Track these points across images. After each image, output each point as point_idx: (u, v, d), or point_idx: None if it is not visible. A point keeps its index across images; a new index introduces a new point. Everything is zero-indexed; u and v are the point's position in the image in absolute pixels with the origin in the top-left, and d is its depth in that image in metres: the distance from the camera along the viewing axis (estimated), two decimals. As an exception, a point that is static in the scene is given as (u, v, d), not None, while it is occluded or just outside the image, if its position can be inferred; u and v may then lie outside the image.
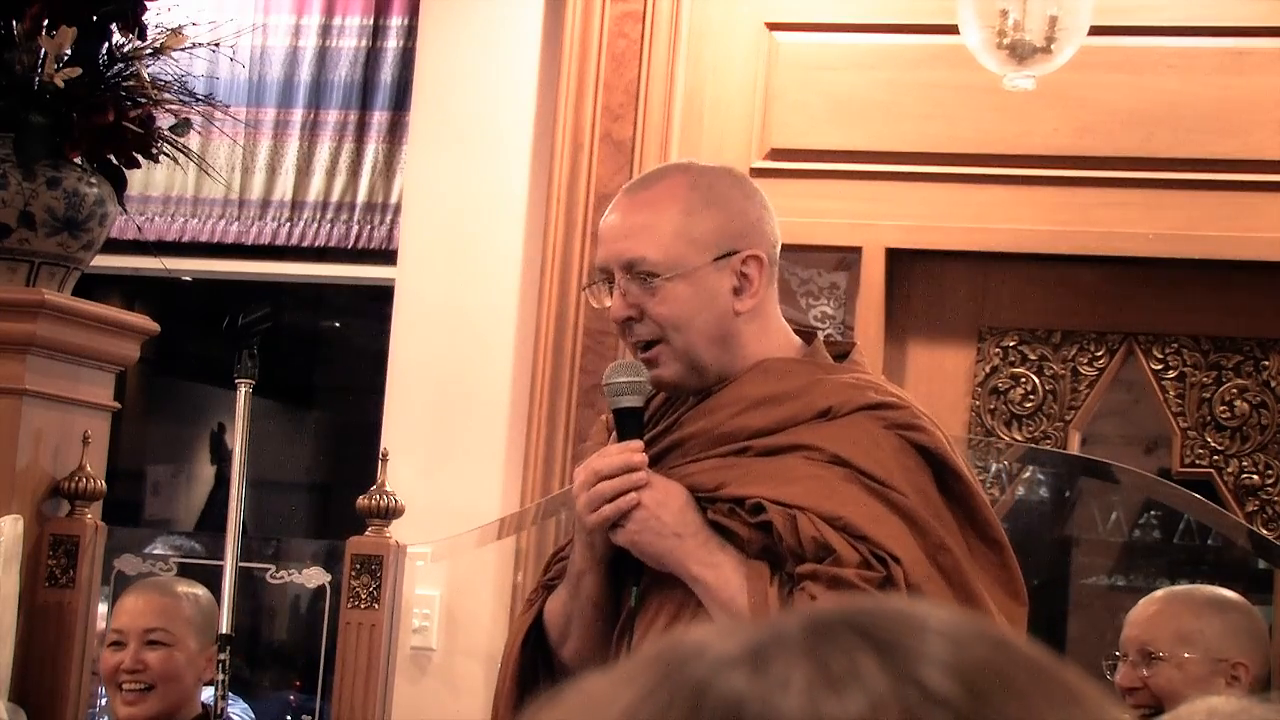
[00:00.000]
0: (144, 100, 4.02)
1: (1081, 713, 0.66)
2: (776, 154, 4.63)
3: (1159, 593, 3.47)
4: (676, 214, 2.45)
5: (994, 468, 4.57)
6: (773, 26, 4.68)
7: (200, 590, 3.75)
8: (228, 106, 4.75)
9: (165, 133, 4.10)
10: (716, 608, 2.34)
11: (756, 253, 2.47)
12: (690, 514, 2.38)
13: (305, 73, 5.08)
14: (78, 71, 3.90)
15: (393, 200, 4.99)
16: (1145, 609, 3.38)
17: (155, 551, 4.39)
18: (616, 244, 2.47)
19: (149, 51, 4.05)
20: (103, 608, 4.19)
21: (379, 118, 5.03)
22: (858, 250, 4.59)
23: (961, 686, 0.65)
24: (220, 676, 3.27)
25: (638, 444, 2.42)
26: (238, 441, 3.37)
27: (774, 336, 2.51)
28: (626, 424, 2.45)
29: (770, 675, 0.65)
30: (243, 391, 3.35)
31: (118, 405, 4.27)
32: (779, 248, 2.55)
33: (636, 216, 2.47)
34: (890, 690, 0.64)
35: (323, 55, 5.07)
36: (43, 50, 3.92)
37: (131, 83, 4.01)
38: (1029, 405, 4.61)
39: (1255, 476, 4.50)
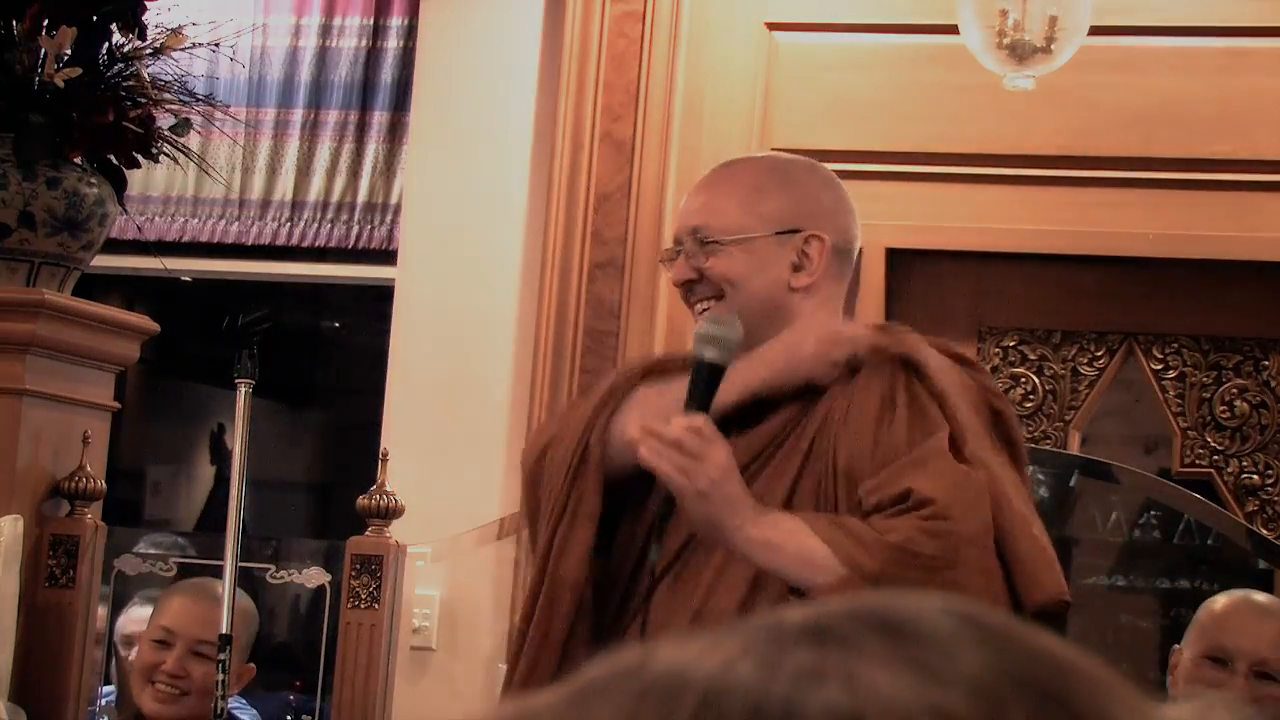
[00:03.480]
0: (144, 100, 4.02)
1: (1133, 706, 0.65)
2: (776, 154, 4.63)
3: (1264, 602, 3.18)
4: (746, 189, 2.51)
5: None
6: (773, 26, 4.68)
7: (248, 602, 3.69)
8: (228, 106, 4.75)
9: (165, 133, 4.10)
10: (790, 560, 2.25)
11: (820, 234, 2.50)
12: (736, 476, 2.30)
13: (305, 73, 5.07)
14: (78, 71, 3.90)
15: (393, 200, 4.99)
16: (1261, 624, 3.08)
17: (155, 551, 4.39)
18: (687, 214, 2.53)
19: (149, 51, 4.05)
20: (102, 608, 4.19)
21: (379, 118, 5.03)
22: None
23: (1047, 672, 0.62)
24: (220, 676, 3.27)
25: (700, 421, 2.28)
26: (238, 441, 3.36)
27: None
28: (699, 381, 2.32)
29: (863, 678, 0.60)
30: (243, 391, 3.35)
31: (118, 405, 4.27)
32: (855, 246, 2.57)
33: (710, 192, 2.53)
34: (989, 674, 0.61)
35: (323, 55, 5.07)
36: (43, 50, 3.92)
37: (131, 83, 4.01)
38: (1029, 405, 4.61)
39: (1255, 476, 4.50)
